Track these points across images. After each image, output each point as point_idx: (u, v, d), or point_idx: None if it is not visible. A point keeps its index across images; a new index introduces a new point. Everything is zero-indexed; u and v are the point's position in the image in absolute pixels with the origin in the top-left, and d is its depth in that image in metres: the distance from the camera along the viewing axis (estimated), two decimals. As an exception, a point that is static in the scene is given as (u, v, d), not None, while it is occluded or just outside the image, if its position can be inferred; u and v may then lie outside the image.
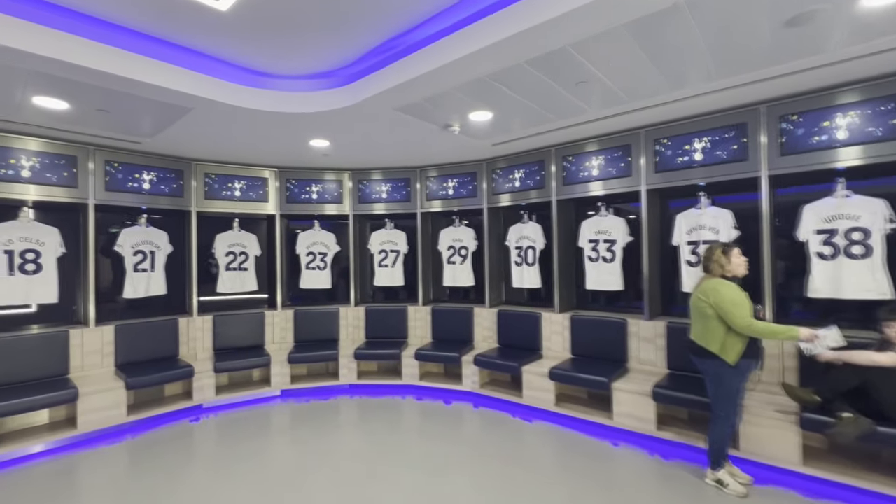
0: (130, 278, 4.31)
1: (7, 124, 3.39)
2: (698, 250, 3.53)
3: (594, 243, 4.21)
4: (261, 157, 4.69)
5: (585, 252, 4.29)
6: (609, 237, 4.13)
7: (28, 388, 3.41)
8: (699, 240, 3.55)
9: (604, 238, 4.16)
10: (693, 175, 3.50)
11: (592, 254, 4.23)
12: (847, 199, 2.96)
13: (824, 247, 3.01)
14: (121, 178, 4.14)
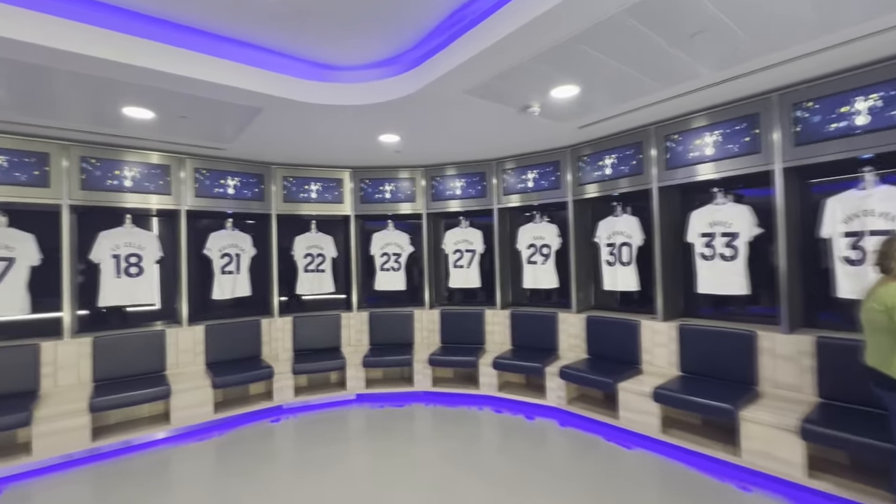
0: (218, 280, 4.50)
1: (110, 138, 3.65)
2: (863, 244, 2.69)
3: (708, 238, 3.48)
4: (335, 158, 4.65)
5: (696, 248, 3.57)
6: (728, 229, 3.38)
7: (132, 383, 3.65)
8: (864, 230, 2.70)
9: (721, 231, 3.41)
10: (855, 145, 2.66)
11: (706, 250, 3.50)
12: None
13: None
14: (208, 184, 4.33)
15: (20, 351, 3.44)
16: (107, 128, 3.40)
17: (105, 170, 3.81)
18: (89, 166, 3.75)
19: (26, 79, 2.54)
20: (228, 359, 4.31)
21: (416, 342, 5.00)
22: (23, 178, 3.48)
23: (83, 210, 3.96)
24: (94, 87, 2.68)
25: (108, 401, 3.39)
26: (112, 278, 3.94)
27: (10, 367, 3.39)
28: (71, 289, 3.69)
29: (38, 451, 3.15)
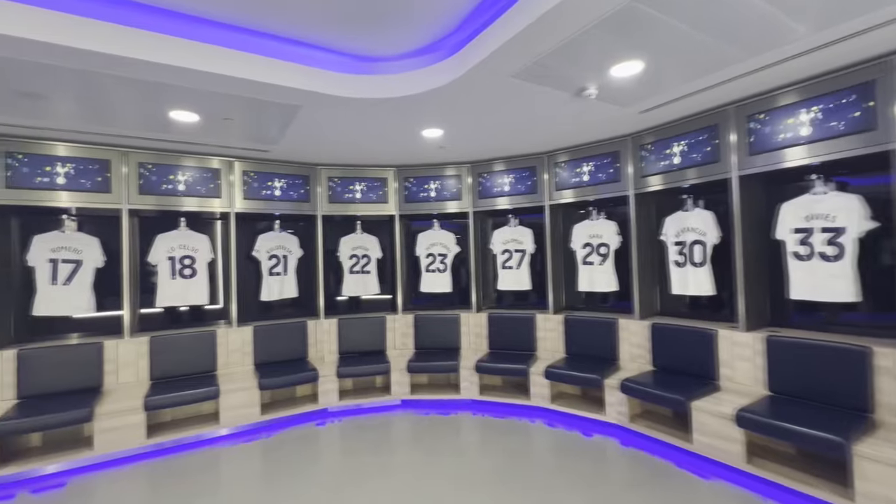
0: (266, 281, 4.53)
1: (163, 143, 3.76)
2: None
3: (804, 234, 2.95)
4: (378, 157, 4.54)
5: (788, 247, 3.05)
6: (831, 224, 2.84)
7: (185, 382, 3.74)
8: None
9: (821, 226, 2.87)
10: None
11: (800, 248, 2.97)
12: None
13: None
14: (256, 186, 4.37)
15: (86, 349, 3.61)
16: (158, 133, 3.49)
17: (160, 174, 3.94)
18: (146, 171, 3.88)
19: (85, 87, 2.61)
20: (276, 360, 4.33)
21: (462, 347, 4.77)
22: (88, 185, 3.65)
23: (142, 214, 4.13)
24: (141, 92, 2.71)
25: (161, 400, 3.47)
26: (168, 279, 4.07)
27: (77, 363, 3.56)
28: (130, 289, 3.84)
29: (98, 446, 3.28)
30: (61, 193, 3.56)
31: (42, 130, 3.35)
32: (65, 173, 3.58)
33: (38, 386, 3.43)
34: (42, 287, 3.61)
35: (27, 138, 3.45)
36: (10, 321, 3.65)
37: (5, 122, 3.13)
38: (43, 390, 3.43)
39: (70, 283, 3.69)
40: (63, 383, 3.49)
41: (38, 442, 3.38)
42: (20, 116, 3.06)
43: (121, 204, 3.77)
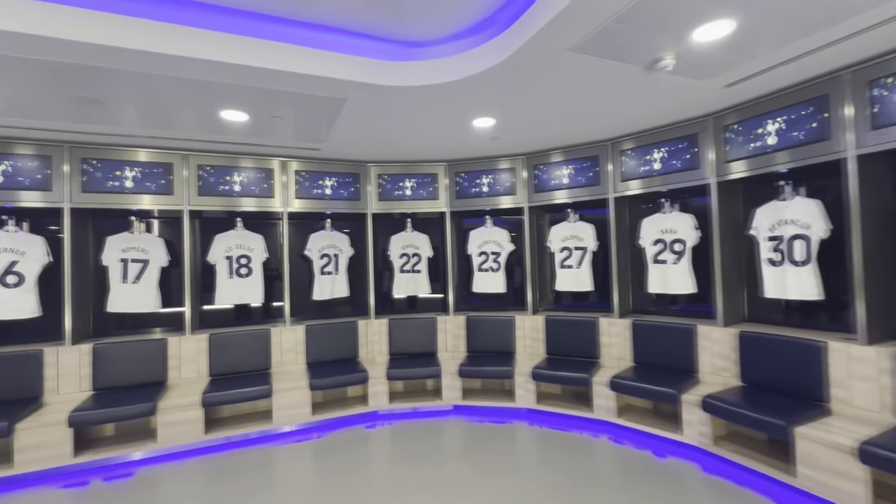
0: (318, 281, 4.53)
1: (219, 145, 3.83)
2: None
3: (951, 225, 2.35)
4: (428, 152, 4.36)
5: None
6: None
7: (241, 380, 3.80)
8: None
9: (978, 214, 2.27)
10: None
11: (946, 244, 2.37)
12: None
13: None
14: (308, 185, 4.37)
15: (152, 345, 3.78)
16: (213, 134, 3.54)
17: (218, 176, 4.03)
18: (205, 173, 3.99)
19: (142, 90, 2.66)
20: (327, 360, 4.30)
21: (517, 351, 4.48)
22: (153, 188, 3.81)
23: (203, 214, 4.28)
24: (193, 92, 2.72)
25: (217, 397, 3.53)
26: (225, 278, 4.16)
27: (144, 358, 3.73)
28: (191, 288, 3.97)
29: (162, 439, 3.39)
30: (130, 196, 3.74)
31: (111, 137, 3.52)
32: (133, 177, 3.76)
33: (111, 378, 3.62)
34: (114, 285, 3.82)
35: (100, 145, 3.65)
36: (90, 317, 3.91)
37: (78, 129, 3.31)
38: (115, 383, 3.62)
39: (139, 281, 3.87)
40: (132, 377, 3.67)
41: (112, 432, 3.56)
42: (91, 123, 3.22)
43: (182, 205, 3.90)
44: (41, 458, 3.09)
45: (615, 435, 3.54)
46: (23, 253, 3.53)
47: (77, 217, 3.69)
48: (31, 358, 3.43)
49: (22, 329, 3.67)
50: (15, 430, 3.04)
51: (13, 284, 3.49)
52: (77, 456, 3.20)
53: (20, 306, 3.50)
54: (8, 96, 2.68)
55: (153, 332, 4.06)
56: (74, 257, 3.66)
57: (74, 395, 3.51)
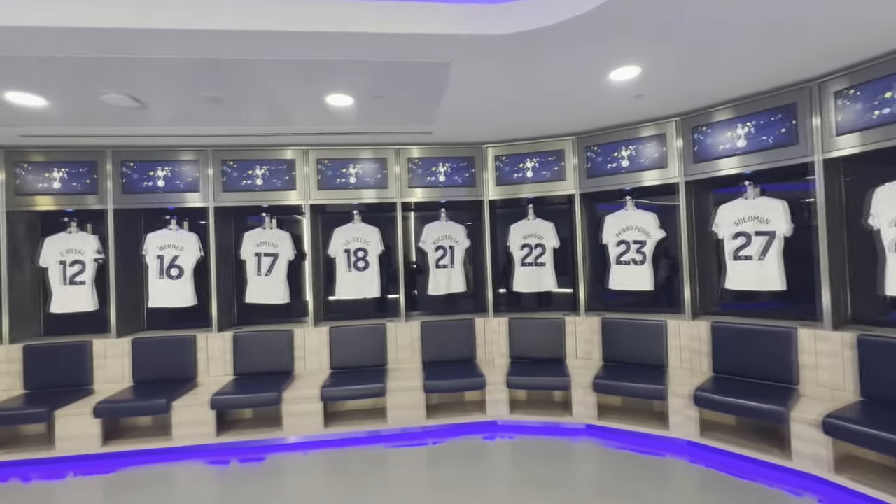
0: (433, 274, 4.26)
1: (332, 137, 3.79)
2: None
3: None
4: (553, 125, 3.72)
5: None
6: None
7: (358, 375, 3.73)
8: None
9: None
10: None
11: None
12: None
13: None
14: (421, 173, 4.11)
15: (280, 335, 3.93)
16: (326, 124, 3.48)
17: (335, 169, 4.02)
18: (323, 167, 4.01)
19: (251, 82, 2.64)
20: (443, 359, 4.01)
21: (669, 364, 3.57)
22: (278, 184, 3.96)
23: (325, 209, 4.35)
24: (297, 77, 2.61)
25: (334, 392, 3.49)
26: (344, 272, 4.16)
27: (274, 348, 3.90)
28: (313, 281, 4.04)
29: (287, 428, 3.48)
30: (261, 193, 3.93)
31: (242, 137, 3.71)
32: (262, 175, 3.94)
33: (248, 365, 3.86)
34: (251, 278, 4.08)
35: (235, 146, 3.90)
36: (234, 306, 4.26)
37: (213, 132, 3.54)
38: (251, 369, 3.86)
39: (270, 274, 4.08)
40: (265, 364, 3.86)
41: (250, 415, 3.80)
42: (224, 126, 3.40)
43: (303, 200, 3.97)
44: (191, 434, 3.39)
45: (830, 498, 2.48)
46: (181, 248, 3.97)
47: (220, 214, 4.01)
48: (187, 342, 3.83)
49: (181, 316, 4.15)
50: (172, 407, 3.38)
51: (175, 276, 3.94)
52: (219, 436, 3.44)
53: (181, 296, 3.94)
54: (162, 105, 2.91)
55: (284, 323, 4.26)
56: (219, 252, 3.99)
57: (220, 378, 3.82)
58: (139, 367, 3.76)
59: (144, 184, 3.83)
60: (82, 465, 3.27)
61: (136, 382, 3.74)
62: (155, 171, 3.84)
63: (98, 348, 3.75)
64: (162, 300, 3.91)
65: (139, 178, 3.82)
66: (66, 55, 2.20)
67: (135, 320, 4.08)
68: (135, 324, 4.07)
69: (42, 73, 2.42)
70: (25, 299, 3.85)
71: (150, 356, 3.77)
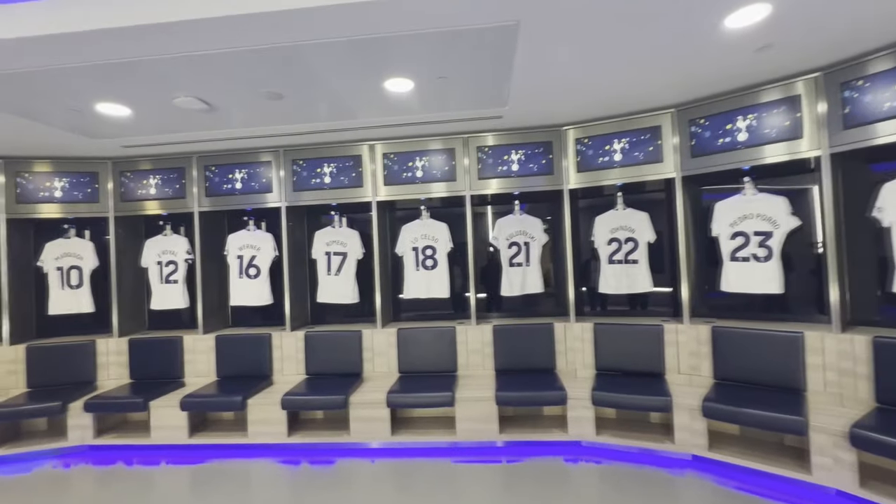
0: (507, 273, 3.88)
1: (397, 129, 3.59)
2: None
3: None
4: (645, 95, 3.14)
5: None
6: None
7: (426, 380, 3.52)
8: None
9: None
10: None
11: None
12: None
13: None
14: (491, 162, 3.76)
15: (349, 336, 3.85)
16: (388, 115, 3.28)
17: (401, 163, 3.83)
18: (389, 162, 3.84)
19: (307, 72, 2.52)
20: (518, 367, 3.63)
21: (808, 388, 2.82)
22: (346, 182, 3.87)
23: (394, 206, 4.19)
24: (355, 60, 2.41)
25: (399, 399, 3.31)
26: (413, 271, 3.96)
27: (343, 349, 3.83)
28: (381, 280, 3.90)
29: (354, 433, 3.37)
30: (329, 192, 3.88)
31: (310, 136, 3.67)
32: (329, 173, 3.89)
33: (318, 365, 3.84)
34: (321, 277, 4.06)
35: (303, 146, 3.89)
36: (307, 306, 4.29)
37: (282, 131, 3.54)
38: (321, 370, 3.83)
39: (339, 273, 4.03)
40: (334, 365, 3.81)
41: (321, 415, 3.77)
42: (290, 124, 3.37)
43: (370, 196, 3.85)
44: (265, 432, 3.43)
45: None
46: (258, 248, 4.07)
47: (293, 214, 4.04)
48: (263, 340, 3.91)
49: (260, 314, 4.28)
50: (248, 404, 3.45)
51: (253, 276, 4.05)
52: (291, 435, 3.44)
53: (259, 295, 4.05)
54: (228, 105, 2.94)
55: (355, 323, 4.19)
56: (292, 251, 4.03)
57: (293, 378, 3.84)
58: (222, 363, 3.92)
59: (224, 186, 3.98)
60: (173, 454, 3.46)
61: (220, 377, 3.90)
62: (233, 173, 3.97)
63: (188, 343, 3.98)
64: (242, 299, 4.05)
65: (220, 182, 3.98)
66: (135, 57, 2.23)
67: (220, 317, 4.28)
68: (221, 321, 4.28)
69: (120, 81, 2.51)
70: (132, 297, 4.22)
71: (231, 353, 3.91)
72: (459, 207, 3.90)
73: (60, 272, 4.06)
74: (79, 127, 3.23)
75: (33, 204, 3.93)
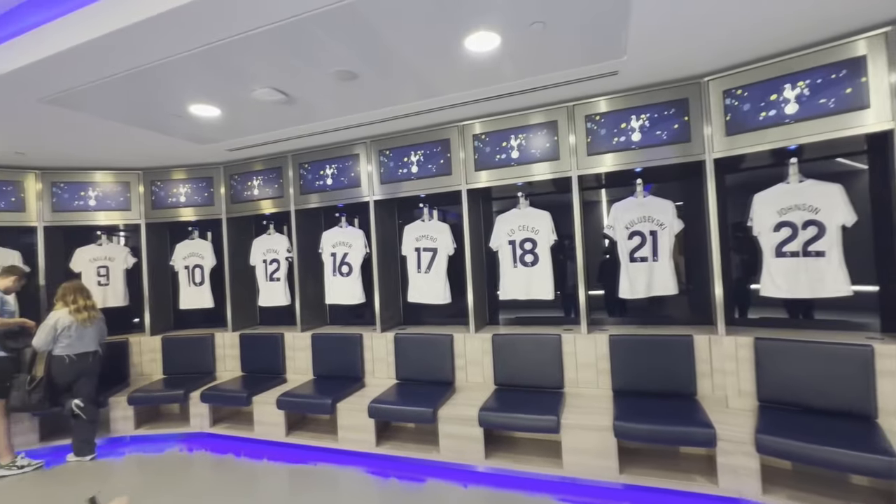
0: (626, 271, 3.13)
1: (486, 104, 3.10)
2: None
3: None
4: (844, 9, 2.15)
5: None
6: None
7: (525, 397, 3.01)
8: None
9: None
10: None
11: None
12: None
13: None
14: (604, 134, 3.05)
15: (439, 340, 3.49)
16: (475, 86, 2.82)
17: (493, 144, 3.34)
18: (480, 144, 3.38)
19: (381, 44, 2.20)
20: (644, 389, 2.88)
21: None
22: (434, 170, 3.51)
23: (490, 192, 3.72)
24: (423, 16, 2.01)
25: (493, 418, 2.82)
26: (510, 267, 3.44)
27: (433, 354, 3.48)
28: (473, 278, 3.46)
29: (443, 451, 3.01)
30: (416, 182, 3.56)
31: (395, 123, 3.39)
32: (416, 161, 3.57)
33: (409, 370, 3.56)
34: (411, 275, 3.77)
35: (390, 134, 3.63)
36: (399, 305, 4.06)
37: (367, 119, 3.30)
38: (411, 375, 3.54)
39: (430, 270, 3.69)
40: (424, 371, 3.49)
41: (412, 426, 3.48)
42: (373, 109, 3.13)
43: (461, 185, 3.43)
44: (354, 439, 3.25)
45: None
46: (350, 245, 3.94)
47: (382, 208, 3.82)
48: (354, 341, 3.76)
49: (353, 313, 4.16)
50: (337, 408, 3.30)
51: (346, 274, 3.94)
52: (379, 445, 3.21)
53: (351, 293, 3.93)
54: (305, 92, 2.78)
55: (447, 325, 3.83)
56: (382, 248, 3.82)
57: (383, 381, 3.63)
58: (318, 361, 3.88)
59: (317, 183, 3.92)
60: (273, 451, 3.48)
61: (316, 376, 3.87)
62: (324, 169, 3.89)
63: (289, 340, 4.03)
64: (336, 297, 3.97)
65: (312, 179, 3.94)
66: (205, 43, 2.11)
67: (319, 315, 4.28)
68: (319, 318, 4.28)
69: (202, 78, 2.47)
70: (243, 293, 4.44)
71: (325, 351, 3.85)
72: (564, 194, 3.26)
73: (187, 270, 4.45)
74: (188, 133, 3.39)
75: (165, 209, 4.35)
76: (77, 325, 3.40)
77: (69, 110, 2.79)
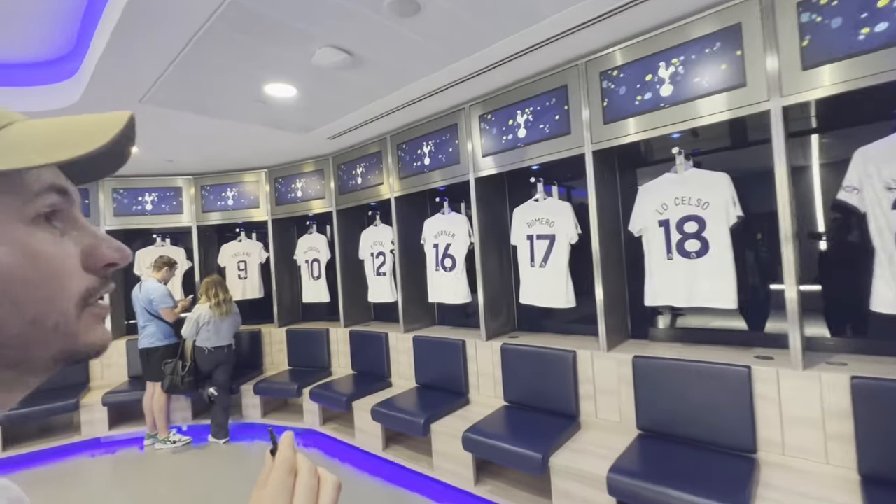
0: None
1: (617, 20, 2.09)
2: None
3: None
4: None
5: None
6: None
7: (697, 465, 1.95)
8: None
9: None
10: None
11: None
12: None
13: None
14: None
15: (561, 358, 2.62)
16: None
17: (632, 81, 2.30)
18: (612, 84, 2.38)
19: None
20: None
21: None
22: (547, 131, 2.65)
23: (609, 154, 2.68)
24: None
25: (635, 488, 1.86)
26: (661, 260, 2.37)
27: (552, 376, 2.63)
28: (602, 275, 2.48)
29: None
30: (520, 150, 2.75)
31: (495, 70, 2.63)
32: (524, 122, 2.75)
33: (519, 391, 2.80)
34: (523, 270, 2.98)
35: (493, 93, 2.89)
36: (513, 307, 3.31)
37: (452, 79, 2.63)
38: (523, 399, 2.77)
39: (545, 265, 2.84)
40: (540, 397, 2.68)
41: (524, 460, 2.72)
42: (457, 56, 2.44)
43: (582, 146, 2.49)
44: (448, 469, 2.68)
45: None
46: (453, 235, 3.35)
47: (485, 187, 3.12)
48: (456, 348, 3.16)
49: (462, 312, 3.57)
50: (431, 430, 2.76)
51: (448, 268, 3.37)
52: (478, 485, 2.55)
53: (455, 290, 3.34)
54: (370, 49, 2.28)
55: (570, 335, 2.93)
56: (487, 236, 3.13)
57: (490, 400, 2.96)
58: (420, 368, 3.41)
59: (414, 164, 3.43)
60: (372, 465, 3.15)
61: (418, 385, 3.41)
62: (421, 147, 3.37)
63: (392, 341, 3.67)
64: (439, 295, 3.44)
65: (410, 160, 3.46)
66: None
67: (427, 314, 3.83)
68: (427, 317, 3.83)
69: (248, 46, 2.14)
70: (357, 288, 4.25)
71: (427, 358, 3.36)
72: (750, 147, 2.03)
73: (307, 264, 4.48)
74: (279, 120, 3.23)
75: (286, 205, 4.44)
76: (215, 320, 3.61)
77: (171, 110, 2.83)
